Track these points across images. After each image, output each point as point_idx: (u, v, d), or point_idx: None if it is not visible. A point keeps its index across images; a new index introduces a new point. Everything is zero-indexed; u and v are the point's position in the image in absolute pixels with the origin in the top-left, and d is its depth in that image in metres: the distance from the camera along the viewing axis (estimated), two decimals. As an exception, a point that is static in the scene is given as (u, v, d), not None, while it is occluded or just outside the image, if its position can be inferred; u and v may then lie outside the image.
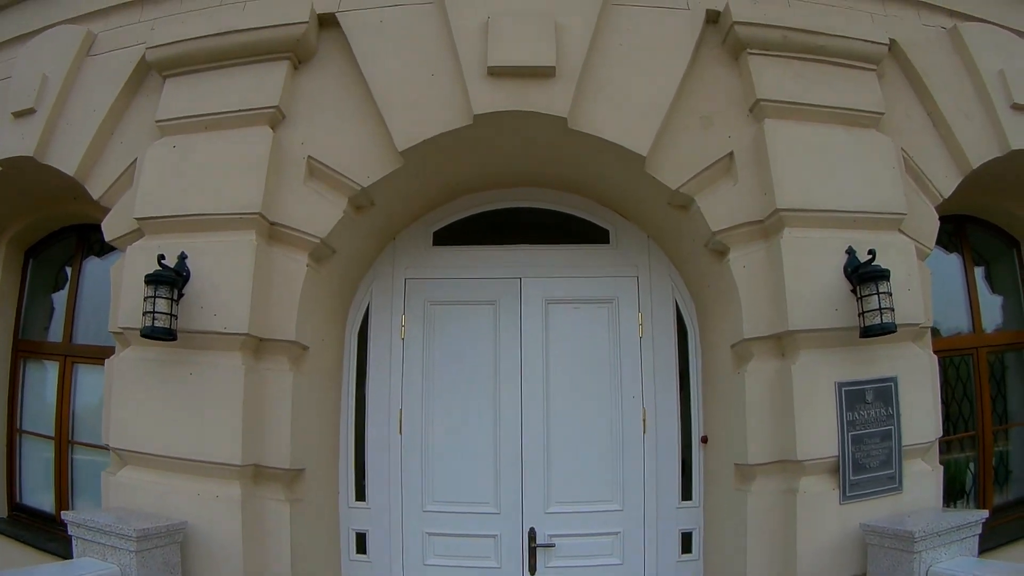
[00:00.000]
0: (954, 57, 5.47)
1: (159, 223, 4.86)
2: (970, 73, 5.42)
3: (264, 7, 5.18)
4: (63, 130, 5.40)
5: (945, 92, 5.31)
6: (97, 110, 5.34)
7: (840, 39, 5.10)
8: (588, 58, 4.82)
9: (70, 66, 5.52)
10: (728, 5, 5.00)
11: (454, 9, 4.87)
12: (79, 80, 5.53)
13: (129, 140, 5.31)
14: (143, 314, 4.46)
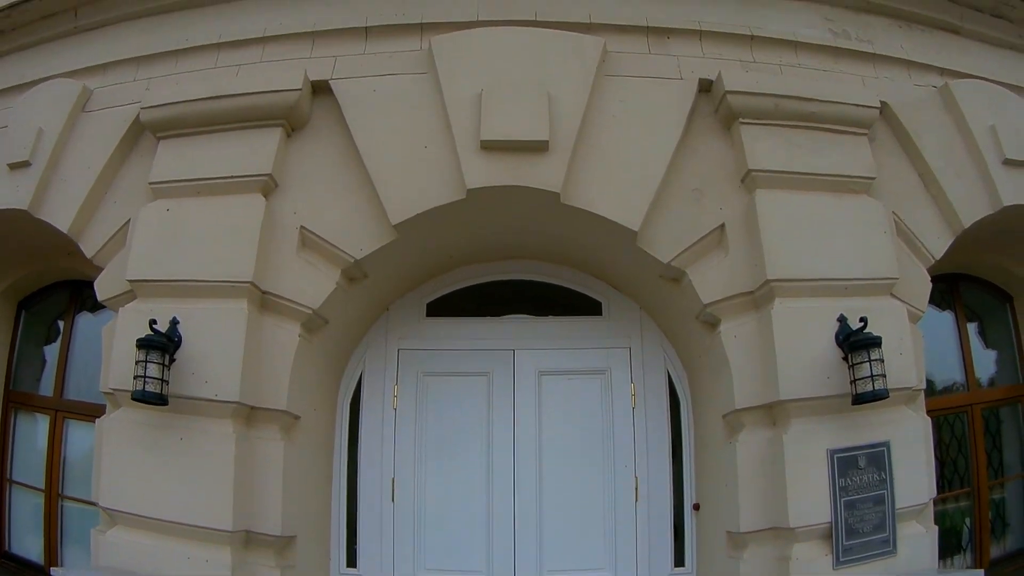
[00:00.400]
0: (945, 116, 5.50)
1: (151, 286, 4.84)
2: (961, 131, 5.44)
3: (258, 72, 5.23)
4: (58, 186, 5.39)
5: (936, 152, 5.33)
6: (92, 167, 5.34)
7: (832, 104, 5.13)
8: (581, 131, 4.83)
9: (65, 121, 5.52)
10: (720, 74, 5.03)
11: (447, 80, 4.89)
12: (74, 136, 5.53)
13: (123, 200, 5.30)
14: (134, 377, 4.44)
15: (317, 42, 5.26)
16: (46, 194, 5.39)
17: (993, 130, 5.39)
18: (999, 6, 5.93)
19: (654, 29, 5.19)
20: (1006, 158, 5.33)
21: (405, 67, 5.06)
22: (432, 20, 5.15)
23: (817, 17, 5.59)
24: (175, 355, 4.60)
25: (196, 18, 5.65)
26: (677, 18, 5.24)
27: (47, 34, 6.12)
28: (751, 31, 5.32)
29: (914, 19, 5.83)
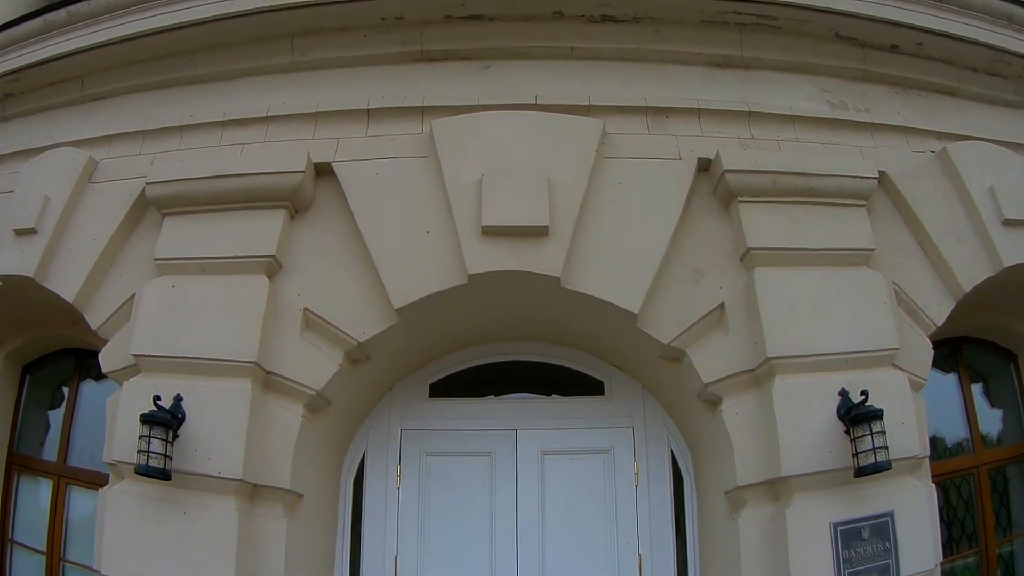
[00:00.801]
0: (943, 181, 5.53)
1: (155, 362, 4.88)
2: (960, 195, 5.47)
3: (262, 152, 5.30)
4: (63, 255, 5.45)
5: (936, 218, 5.35)
6: (97, 239, 5.39)
7: (830, 178, 5.17)
8: (580, 215, 4.88)
9: (72, 191, 5.58)
10: (719, 153, 5.08)
11: (448, 165, 4.96)
12: (80, 206, 5.58)
13: (128, 273, 5.34)
14: (138, 452, 4.45)
15: (320, 123, 5.33)
16: (52, 263, 5.44)
17: (992, 191, 5.41)
18: (994, 64, 6.00)
19: (653, 109, 5.26)
20: (1005, 218, 5.35)
21: (407, 151, 5.13)
22: (433, 103, 5.23)
23: (815, 89, 5.65)
24: (179, 431, 4.61)
25: (200, 94, 5.73)
26: (676, 97, 5.31)
27: (54, 101, 6.22)
28: (749, 107, 5.38)
29: (911, 84, 5.89)
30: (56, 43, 6.32)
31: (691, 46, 5.47)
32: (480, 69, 5.37)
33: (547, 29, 5.35)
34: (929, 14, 5.96)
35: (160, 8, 5.95)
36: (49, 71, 6.18)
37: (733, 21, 5.43)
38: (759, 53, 5.55)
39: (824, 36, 5.66)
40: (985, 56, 5.95)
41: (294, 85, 5.52)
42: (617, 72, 5.40)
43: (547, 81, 5.33)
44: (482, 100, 5.22)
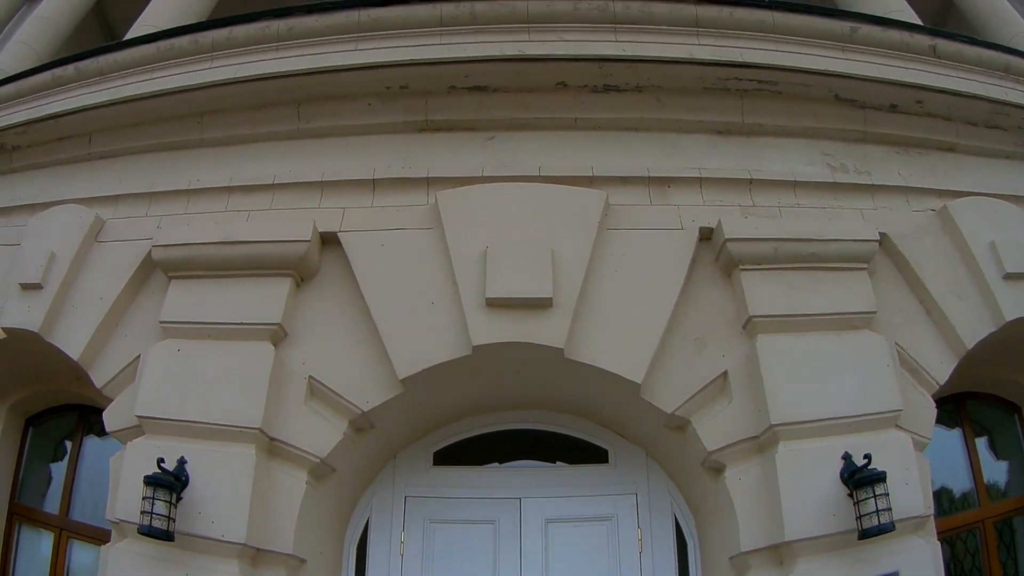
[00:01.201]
0: (944, 239, 5.55)
1: (160, 424, 4.88)
2: (961, 251, 5.48)
3: (268, 220, 5.36)
4: (69, 312, 5.46)
5: (937, 277, 5.36)
6: (104, 298, 5.41)
7: (831, 243, 5.19)
8: (584, 286, 4.92)
9: (78, 248, 5.61)
10: (720, 222, 5.12)
11: (453, 236, 5.00)
12: (86, 264, 5.61)
13: (133, 334, 5.36)
14: (141, 512, 4.44)
15: (326, 192, 5.39)
16: (57, 319, 5.45)
17: (993, 246, 5.42)
18: (993, 116, 6.04)
19: (655, 179, 5.32)
20: (1007, 272, 5.34)
21: (412, 222, 5.18)
22: (438, 175, 5.29)
23: (816, 152, 5.70)
24: (182, 494, 4.61)
25: (207, 158, 5.80)
26: (678, 167, 5.37)
27: (62, 156, 6.28)
28: (750, 174, 5.43)
29: (911, 143, 5.94)
30: (64, 98, 6.41)
31: (693, 114, 5.53)
32: (484, 140, 5.44)
33: (551, 100, 5.43)
34: (928, 71, 6.04)
35: (168, 70, 6.05)
36: (57, 126, 6.24)
37: (734, 87, 5.49)
38: (760, 119, 5.61)
39: (824, 99, 5.72)
40: (984, 109, 5.99)
41: (300, 152, 5.58)
42: (620, 142, 5.47)
43: (550, 152, 5.39)
44: (486, 171, 5.27)
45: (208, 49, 5.88)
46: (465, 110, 5.45)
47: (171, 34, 6.21)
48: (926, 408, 5.09)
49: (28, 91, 6.71)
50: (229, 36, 5.77)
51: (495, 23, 5.40)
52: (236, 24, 5.77)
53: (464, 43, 5.30)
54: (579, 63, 5.28)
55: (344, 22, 5.50)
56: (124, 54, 6.37)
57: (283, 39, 5.60)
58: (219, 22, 5.96)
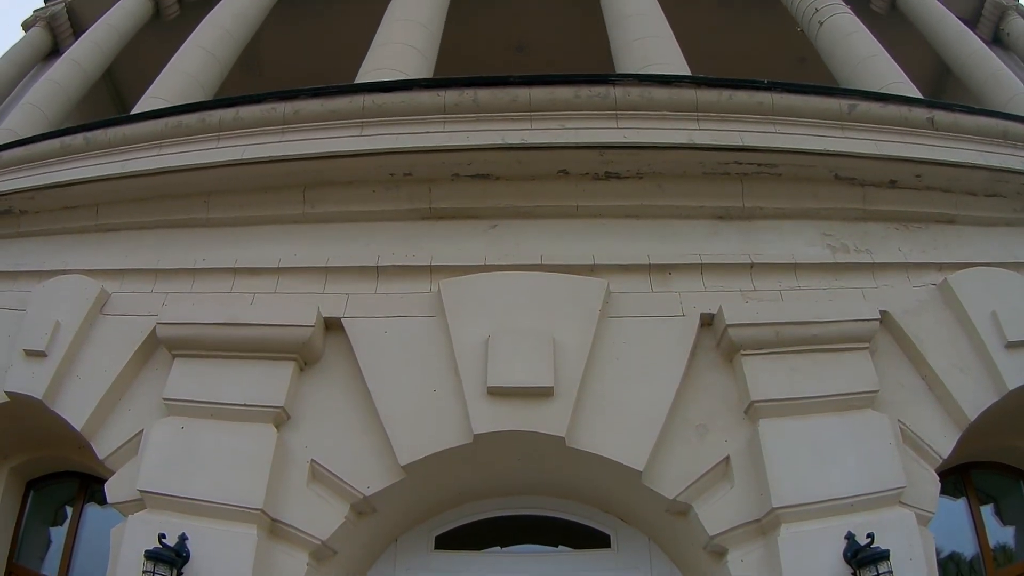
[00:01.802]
0: (946, 313, 5.54)
1: (162, 500, 4.87)
2: (962, 324, 5.47)
3: (272, 303, 5.39)
4: (73, 382, 5.48)
5: (939, 351, 5.35)
6: (108, 371, 5.42)
7: (832, 324, 5.20)
8: (585, 375, 4.93)
9: (83, 320, 5.63)
10: (721, 308, 5.14)
11: (455, 325, 5.04)
12: (91, 336, 5.64)
13: (137, 409, 5.37)
14: None
15: (330, 277, 5.44)
16: (61, 388, 5.47)
17: (994, 316, 5.40)
18: (993, 184, 6.07)
19: (656, 266, 5.35)
20: (1008, 341, 5.32)
21: (415, 309, 5.22)
22: (441, 263, 5.35)
23: (816, 233, 5.73)
24: (183, 570, 4.61)
25: (213, 239, 5.86)
26: (678, 254, 5.41)
27: (70, 225, 6.35)
28: (751, 259, 5.46)
29: (911, 218, 5.97)
30: (72, 167, 6.50)
31: (694, 199, 5.59)
32: (487, 228, 5.50)
33: (552, 188, 5.50)
34: (926, 144, 6.10)
35: (175, 147, 6.14)
36: (65, 195, 6.32)
37: (735, 172, 5.55)
38: (760, 202, 5.66)
39: (824, 179, 5.77)
40: (983, 178, 6.03)
41: (305, 236, 5.64)
42: (621, 229, 5.52)
43: (552, 240, 5.45)
44: (489, 260, 5.33)
45: (215, 128, 5.97)
46: (468, 198, 5.52)
47: (179, 111, 6.31)
48: (930, 483, 5.07)
49: (37, 156, 6.81)
50: (236, 116, 5.86)
51: (497, 111, 5.48)
52: (243, 105, 5.86)
53: (467, 131, 5.37)
54: (581, 151, 5.35)
55: (348, 107, 5.58)
56: (132, 128, 6.47)
57: (289, 122, 5.68)
58: (226, 102, 6.05)
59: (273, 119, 5.73)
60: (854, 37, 8.41)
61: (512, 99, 5.46)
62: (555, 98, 5.49)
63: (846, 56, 8.25)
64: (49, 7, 11.84)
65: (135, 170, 6.10)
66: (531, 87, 5.48)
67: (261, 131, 5.76)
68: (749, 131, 5.59)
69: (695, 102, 5.57)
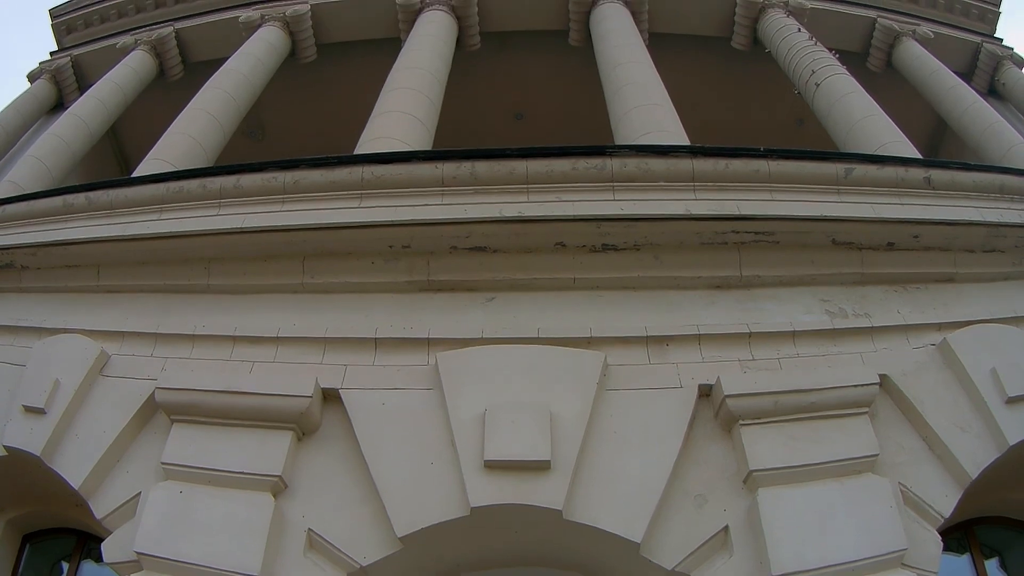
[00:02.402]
0: (945, 372, 5.52)
1: (159, 563, 4.83)
2: (962, 382, 5.45)
3: (271, 372, 5.40)
4: (71, 441, 5.48)
5: (939, 412, 5.33)
6: (106, 432, 5.43)
7: (831, 391, 5.18)
8: (582, 448, 4.92)
9: (83, 380, 5.64)
10: (719, 379, 5.13)
11: (452, 398, 5.04)
12: (90, 397, 5.65)
13: (135, 471, 5.36)
14: None
15: (328, 348, 5.44)
16: (59, 446, 5.48)
17: (994, 373, 5.39)
18: (991, 240, 6.09)
19: (653, 338, 5.35)
20: (1009, 397, 5.30)
21: (412, 382, 5.23)
22: (438, 336, 5.35)
23: (814, 300, 5.74)
24: None
25: (213, 305, 5.89)
26: (676, 325, 5.42)
27: (71, 284, 6.39)
28: (749, 328, 5.46)
29: (909, 279, 5.98)
30: (74, 227, 6.56)
31: (691, 270, 5.61)
32: (485, 300, 5.52)
33: (550, 260, 5.52)
34: (924, 204, 6.14)
35: (176, 212, 6.20)
36: (66, 254, 6.38)
37: (732, 241, 5.57)
38: (758, 270, 5.68)
39: (821, 245, 5.80)
40: (981, 235, 6.06)
41: (305, 307, 5.67)
42: (618, 301, 5.53)
43: (549, 313, 5.46)
44: (486, 333, 5.34)
45: (216, 195, 6.03)
46: (466, 270, 5.55)
47: (181, 176, 6.38)
48: (931, 543, 5.02)
49: (39, 213, 6.88)
50: (237, 184, 5.92)
51: (495, 183, 5.53)
52: (244, 173, 5.92)
53: (465, 204, 5.42)
54: (578, 223, 5.39)
55: (348, 178, 5.63)
56: (134, 191, 6.55)
57: (289, 191, 5.74)
58: (227, 169, 6.12)
59: (274, 188, 5.79)
60: (850, 98, 8.50)
61: (509, 172, 5.51)
62: (552, 171, 5.54)
63: (843, 117, 8.34)
64: (55, 60, 12.03)
65: (136, 233, 6.15)
66: (528, 160, 5.54)
67: (262, 200, 5.82)
68: (746, 199, 5.63)
69: (692, 172, 5.62)
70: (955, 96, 10.21)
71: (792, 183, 5.87)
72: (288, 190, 5.76)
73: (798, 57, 9.59)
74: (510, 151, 5.62)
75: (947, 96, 10.27)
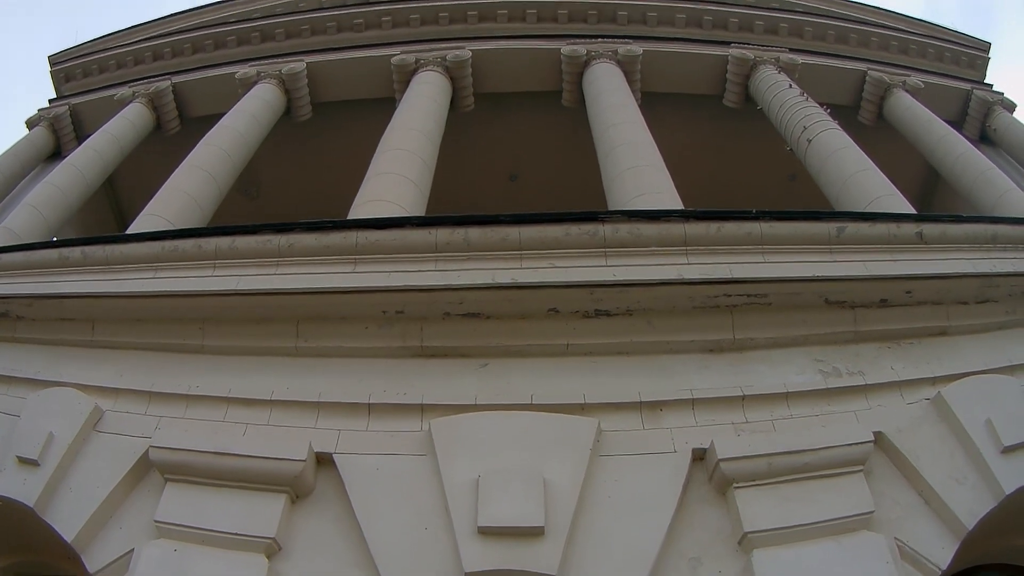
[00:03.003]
0: (940, 426, 5.52)
1: None
2: (957, 435, 5.44)
3: (265, 435, 5.39)
4: (65, 495, 5.45)
5: (934, 465, 5.32)
6: (100, 487, 5.40)
7: (825, 451, 5.18)
8: (576, 514, 4.90)
9: (77, 434, 5.62)
10: (713, 443, 5.14)
11: (446, 464, 5.04)
12: (84, 451, 5.62)
13: (128, 528, 5.32)
14: None
15: (322, 412, 5.45)
16: (53, 498, 5.44)
17: (989, 423, 5.38)
18: (984, 290, 6.09)
19: (647, 403, 5.36)
20: (1004, 447, 5.29)
21: (406, 447, 5.23)
22: (432, 402, 5.36)
23: (807, 360, 5.74)
24: None
25: (207, 366, 5.89)
26: (669, 390, 5.43)
27: (66, 337, 6.37)
28: (742, 391, 5.47)
29: (902, 335, 5.98)
30: (70, 280, 6.58)
31: (684, 334, 5.63)
32: (478, 366, 5.53)
33: (543, 327, 5.55)
34: (916, 259, 6.16)
35: (171, 271, 6.23)
36: (61, 307, 6.37)
37: (724, 304, 5.60)
38: (751, 333, 5.70)
39: (814, 305, 5.82)
40: (974, 286, 6.07)
41: (298, 370, 5.68)
42: (611, 367, 5.55)
43: (543, 379, 5.48)
44: (480, 399, 5.35)
45: (211, 256, 6.06)
46: (459, 336, 5.57)
47: (176, 235, 6.41)
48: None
49: (36, 264, 6.90)
50: (232, 246, 5.96)
51: (488, 249, 5.57)
52: (239, 235, 5.96)
53: (458, 270, 5.45)
54: (571, 289, 5.42)
55: (342, 243, 5.67)
56: (130, 248, 6.57)
57: (283, 255, 5.78)
58: (223, 230, 6.16)
59: (268, 251, 5.82)
60: (842, 153, 8.57)
61: (503, 238, 5.55)
62: (545, 237, 5.59)
63: (835, 172, 8.41)
64: (53, 108, 12.12)
65: (131, 291, 6.18)
66: (521, 226, 5.58)
67: (257, 262, 5.86)
68: (738, 262, 5.66)
69: (684, 236, 5.66)
70: (946, 145, 10.30)
71: (784, 244, 5.91)
72: (283, 253, 5.79)
73: (790, 113, 9.69)
74: (503, 217, 5.67)
75: (938, 146, 10.36)
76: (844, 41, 12.66)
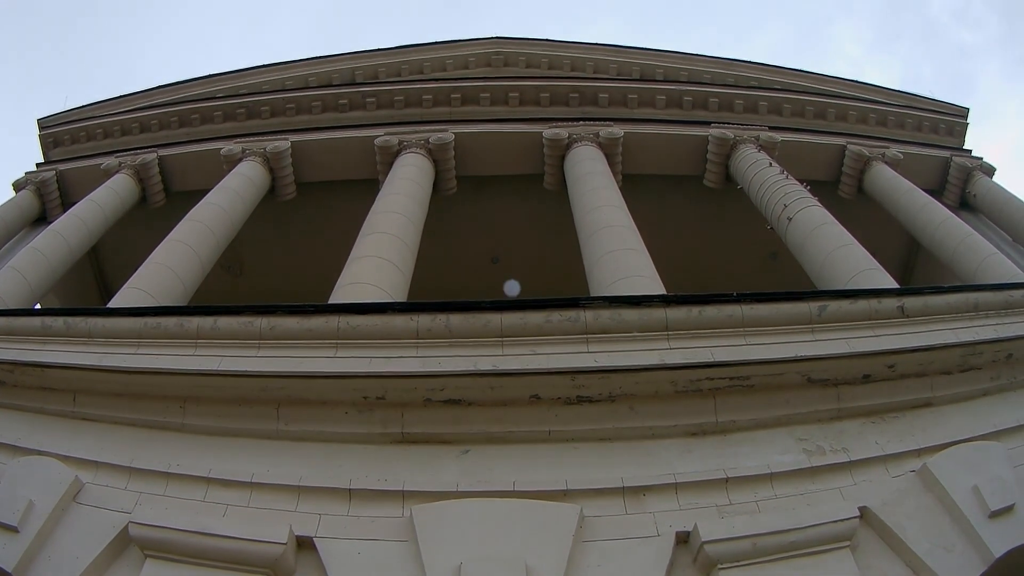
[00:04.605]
0: (926, 497, 5.51)
1: None
2: (944, 504, 5.43)
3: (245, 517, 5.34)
4: (44, 563, 5.35)
5: (921, 536, 5.28)
6: (80, 559, 5.29)
7: (811, 529, 5.17)
8: (560, 604, 4.85)
9: (56, 505, 5.56)
10: (696, 526, 5.11)
11: (428, 552, 4.98)
12: (64, 522, 5.55)
13: None
14: None
15: (303, 496, 5.41)
16: (32, 565, 5.34)
17: (976, 490, 5.39)
18: (967, 359, 6.13)
19: (630, 489, 5.34)
20: (992, 511, 5.29)
21: (387, 533, 5.17)
22: (413, 488, 5.33)
23: (791, 440, 5.75)
24: None
25: (188, 444, 5.85)
26: (652, 475, 5.41)
27: (46, 407, 6.34)
28: (726, 473, 5.46)
29: (886, 409, 6.00)
30: (52, 350, 6.56)
31: (666, 419, 5.63)
32: (459, 453, 5.51)
33: (525, 413, 5.54)
34: (898, 333, 6.19)
35: (153, 348, 6.23)
36: (43, 376, 6.34)
37: (707, 387, 5.61)
38: (733, 415, 5.70)
39: (796, 385, 5.84)
40: (957, 356, 6.11)
41: (279, 454, 5.65)
42: (594, 453, 5.53)
43: (525, 466, 5.45)
44: (461, 486, 5.32)
45: (193, 335, 6.06)
46: (440, 423, 5.56)
47: (159, 312, 6.41)
48: (920, 665, 4.98)
49: (18, 331, 6.87)
50: (214, 326, 5.97)
51: (470, 336, 5.59)
52: (221, 315, 5.97)
53: (439, 356, 5.46)
54: (552, 376, 5.44)
55: (324, 327, 5.68)
56: (113, 322, 6.56)
57: (265, 337, 5.78)
58: (205, 309, 6.17)
59: (250, 333, 5.83)
60: (823, 229, 8.67)
61: (484, 324, 5.58)
62: (526, 323, 5.61)
63: (816, 249, 8.50)
64: (40, 172, 12.18)
65: (112, 365, 6.17)
66: (502, 312, 5.61)
67: (238, 343, 5.87)
68: (720, 345, 5.69)
69: (665, 321, 5.70)
70: (927, 214, 10.43)
71: (766, 325, 5.95)
72: (264, 335, 5.80)
73: (770, 192, 9.82)
74: (485, 303, 5.70)
75: (919, 215, 10.49)
76: (823, 116, 12.94)
